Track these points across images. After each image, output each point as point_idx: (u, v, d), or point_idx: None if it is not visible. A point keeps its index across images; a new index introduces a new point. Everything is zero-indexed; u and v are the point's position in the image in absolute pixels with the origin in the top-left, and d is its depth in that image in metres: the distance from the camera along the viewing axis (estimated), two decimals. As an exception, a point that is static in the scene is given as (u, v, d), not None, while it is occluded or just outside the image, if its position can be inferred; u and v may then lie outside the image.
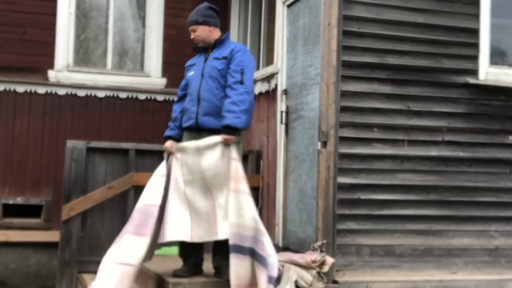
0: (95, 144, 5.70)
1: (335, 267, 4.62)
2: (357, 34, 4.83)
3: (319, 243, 4.56)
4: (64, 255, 5.42)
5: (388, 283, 4.70)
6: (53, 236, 6.35)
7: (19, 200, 6.88)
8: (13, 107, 6.95)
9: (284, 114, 5.69)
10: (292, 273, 4.45)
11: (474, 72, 5.10)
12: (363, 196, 4.81)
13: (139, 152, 5.72)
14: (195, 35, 4.75)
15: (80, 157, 5.53)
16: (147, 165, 5.69)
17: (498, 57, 5.28)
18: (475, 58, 5.11)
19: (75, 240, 5.44)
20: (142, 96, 7.34)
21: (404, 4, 4.95)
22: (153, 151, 5.66)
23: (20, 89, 6.96)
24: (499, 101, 5.17)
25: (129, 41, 7.60)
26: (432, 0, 5.02)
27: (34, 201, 6.91)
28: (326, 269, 4.44)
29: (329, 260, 4.47)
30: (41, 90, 7.04)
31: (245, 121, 4.46)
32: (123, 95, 7.27)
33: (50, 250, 6.56)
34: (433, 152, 5.00)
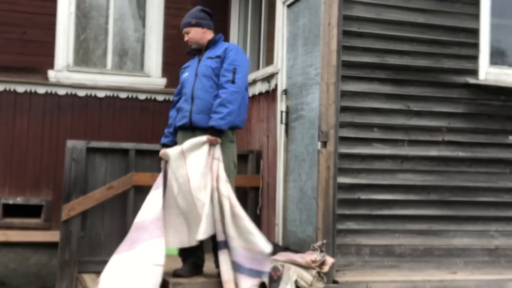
0: (95, 144, 5.69)
1: (335, 267, 4.62)
2: (357, 34, 4.83)
3: (319, 243, 4.56)
4: (64, 255, 5.41)
5: (388, 283, 4.70)
6: (53, 236, 6.35)
7: (19, 200, 6.88)
8: (13, 107, 6.94)
9: (284, 114, 5.69)
10: (292, 273, 4.45)
11: (474, 72, 5.10)
12: (363, 196, 4.81)
13: (139, 152, 5.71)
14: (188, 37, 4.78)
15: (80, 157, 5.52)
16: (147, 165, 5.69)
17: (498, 57, 5.28)
18: (475, 58, 5.11)
19: (75, 240, 5.43)
20: (142, 96, 7.34)
21: (404, 4, 4.95)
22: (153, 151, 5.65)
23: (20, 89, 6.96)
24: (499, 101, 5.17)
25: (129, 41, 7.60)
26: (432, 0, 5.02)
27: (34, 201, 6.91)
28: (326, 269, 4.44)
29: (329, 260, 4.47)
30: (41, 90, 7.03)
31: (232, 122, 4.48)
32: (123, 95, 7.27)
33: (50, 250, 6.56)
34: (433, 152, 5.00)
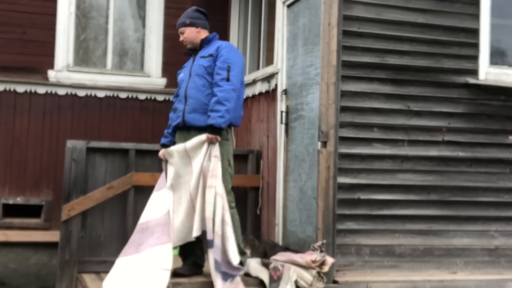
0: (95, 144, 5.69)
1: (335, 267, 4.62)
2: (357, 34, 4.83)
3: (319, 243, 4.56)
4: (64, 255, 5.41)
5: (388, 283, 4.70)
6: (53, 236, 6.35)
7: (19, 200, 6.88)
8: (13, 107, 6.94)
9: (284, 114, 5.69)
10: (292, 273, 4.45)
11: (474, 72, 5.10)
12: (363, 196, 4.82)
13: (139, 152, 5.71)
14: (183, 37, 4.81)
15: (80, 157, 5.52)
16: (147, 165, 5.69)
17: (498, 57, 5.28)
18: (475, 58, 5.11)
19: (75, 240, 5.43)
20: (142, 96, 7.33)
21: (404, 4, 4.95)
22: (153, 151, 5.64)
23: (20, 89, 6.96)
24: (499, 101, 5.17)
25: (129, 41, 7.59)
26: (432, 0, 5.02)
27: (34, 201, 6.90)
28: (326, 269, 4.44)
29: (329, 260, 4.47)
30: (41, 90, 7.03)
31: (230, 120, 4.48)
32: (123, 95, 7.27)
33: (50, 250, 6.55)
34: (433, 152, 5.00)
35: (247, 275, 4.64)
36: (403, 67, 4.94)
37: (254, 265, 4.73)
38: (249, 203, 6.06)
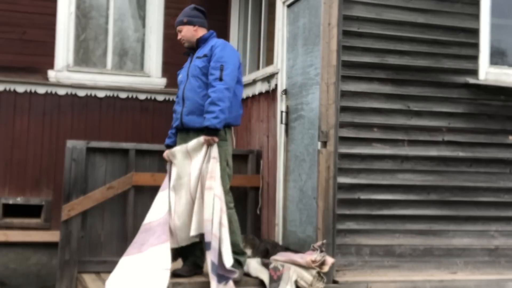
0: (95, 144, 5.69)
1: (335, 267, 4.62)
2: (357, 34, 4.83)
3: (319, 243, 4.56)
4: (64, 255, 5.41)
5: (388, 283, 4.70)
6: (53, 236, 6.35)
7: (19, 200, 6.87)
8: (13, 107, 6.94)
9: (284, 114, 5.69)
10: (292, 273, 4.45)
11: (474, 72, 5.10)
12: (363, 196, 4.82)
13: (139, 152, 5.71)
14: (181, 35, 4.81)
15: (80, 157, 5.52)
16: (147, 165, 5.69)
17: (498, 57, 5.28)
18: (475, 58, 5.11)
19: (75, 240, 5.43)
20: (142, 96, 7.33)
21: (404, 4, 4.95)
22: (153, 151, 5.66)
23: (20, 89, 6.95)
24: (499, 101, 5.17)
25: (129, 41, 7.59)
26: (432, 0, 5.02)
27: (34, 201, 6.90)
28: (326, 269, 4.44)
29: (329, 260, 4.47)
30: (41, 90, 7.03)
31: (225, 119, 4.47)
32: (123, 95, 7.26)
33: (50, 250, 6.55)
34: (433, 152, 5.00)
35: (247, 275, 4.64)
36: (403, 67, 4.94)
37: (254, 265, 4.73)
38: (249, 203, 6.06)
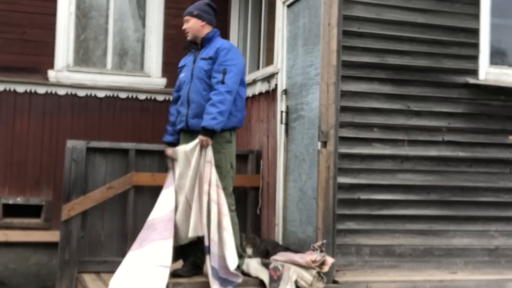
0: (95, 144, 5.68)
1: (335, 267, 4.62)
2: (357, 34, 4.83)
3: (319, 243, 4.56)
4: (64, 255, 5.41)
5: (388, 283, 4.70)
6: (53, 236, 6.35)
7: (19, 200, 6.87)
8: (13, 107, 6.94)
9: (284, 114, 5.69)
10: (292, 273, 4.45)
11: (474, 72, 5.10)
12: (363, 196, 4.82)
13: (139, 152, 5.71)
14: (187, 26, 4.77)
15: (80, 157, 5.52)
16: (147, 165, 5.69)
17: (498, 57, 5.28)
18: (475, 58, 5.11)
19: (75, 240, 5.43)
20: (142, 96, 7.33)
21: (404, 4, 4.95)
22: (153, 151, 5.65)
23: (20, 89, 6.95)
24: (499, 101, 5.17)
25: (129, 41, 7.59)
26: (432, 0, 5.02)
27: (34, 201, 6.90)
28: (326, 269, 4.44)
29: (329, 260, 4.47)
30: (41, 90, 7.03)
31: (224, 122, 4.46)
32: (123, 95, 7.26)
33: (50, 250, 6.55)
34: (433, 152, 5.00)
35: (247, 275, 4.64)
36: (403, 67, 4.94)
37: (254, 265, 4.73)
38: (249, 203, 6.06)
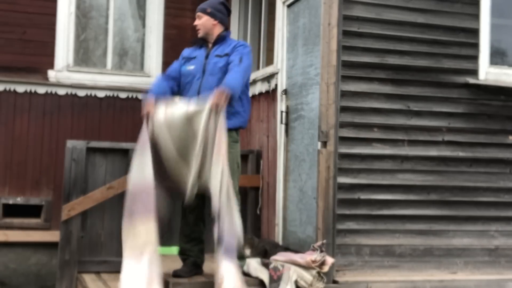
0: (95, 144, 5.69)
1: (335, 267, 4.62)
2: (357, 34, 4.83)
3: (319, 243, 4.56)
4: (64, 255, 5.41)
5: (388, 283, 4.70)
6: (53, 236, 6.35)
7: (19, 200, 6.88)
8: (13, 107, 6.94)
9: (284, 114, 5.69)
10: (292, 273, 4.45)
11: (474, 72, 5.10)
12: (363, 196, 4.81)
13: (139, 152, 5.70)
14: (198, 22, 4.71)
15: (80, 157, 5.52)
16: (147, 165, 5.68)
17: (498, 57, 5.28)
18: (475, 58, 5.11)
19: (75, 240, 5.43)
20: (142, 96, 7.33)
21: (404, 4, 4.95)
22: (153, 151, 5.65)
23: (20, 89, 6.96)
24: (499, 101, 5.17)
25: (129, 41, 7.60)
26: (432, 0, 5.02)
27: (34, 201, 6.91)
28: (326, 269, 4.44)
29: (329, 260, 4.47)
30: (41, 90, 7.03)
31: (239, 92, 4.38)
32: (123, 95, 7.27)
33: (50, 250, 6.55)
34: (433, 152, 4.99)
35: (247, 275, 4.64)
36: (403, 67, 4.94)
37: (254, 265, 4.73)
38: (249, 203, 6.06)
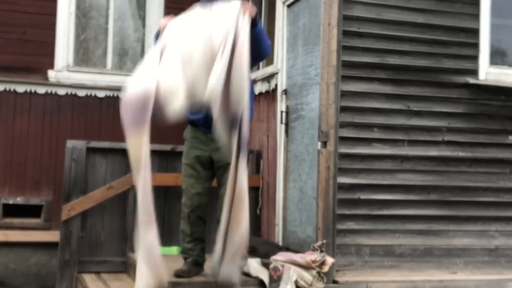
0: (95, 144, 5.69)
1: (335, 267, 4.62)
2: (357, 34, 4.83)
3: (319, 243, 4.56)
4: (64, 255, 5.42)
5: (388, 283, 4.70)
6: (53, 236, 6.35)
7: (19, 200, 6.88)
8: (13, 107, 6.95)
9: (284, 114, 5.69)
10: (292, 273, 4.45)
11: (474, 72, 5.10)
12: (363, 196, 4.81)
13: (139, 152, 5.71)
14: None
15: (80, 157, 5.53)
16: (147, 165, 5.69)
17: (498, 57, 5.28)
18: (475, 58, 5.11)
19: (75, 240, 5.44)
20: (142, 96, 7.33)
21: (404, 4, 4.95)
22: (153, 151, 5.63)
23: (20, 89, 6.96)
24: (499, 101, 5.17)
25: (129, 41, 7.60)
26: (432, 0, 5.02)
27: (34, 201, 6.91)
28: (326, 269, 4.44)
29: (329, 260, 4.47)
30: (41, 90, 7.03)
31: (269, 44, 4.43)
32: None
33: (50, 250, 6.55)
34: (433, 152, 4.99)
35: (247, 275, 4.64)
36: (403, 67, 4.94)
37: (254, 265, 4.72)
38: (249, 203, 6.05)
